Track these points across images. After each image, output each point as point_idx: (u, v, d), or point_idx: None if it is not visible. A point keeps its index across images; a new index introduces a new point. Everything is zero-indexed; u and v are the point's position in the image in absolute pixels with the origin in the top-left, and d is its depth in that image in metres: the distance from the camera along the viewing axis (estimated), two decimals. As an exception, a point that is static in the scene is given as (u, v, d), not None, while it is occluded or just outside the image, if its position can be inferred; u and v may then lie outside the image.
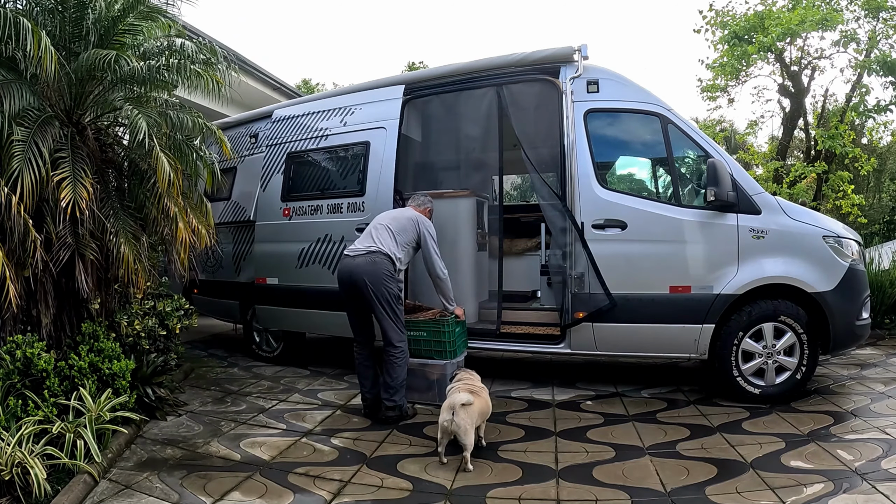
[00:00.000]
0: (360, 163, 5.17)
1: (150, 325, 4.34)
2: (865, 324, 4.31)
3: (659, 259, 4.25)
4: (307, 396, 4.63)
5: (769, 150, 13.65)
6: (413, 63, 19.54)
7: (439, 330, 4.27)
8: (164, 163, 3.70)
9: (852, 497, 2.59)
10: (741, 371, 4.13)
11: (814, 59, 12.46)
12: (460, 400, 3.14)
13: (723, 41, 12.71)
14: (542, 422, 3.91)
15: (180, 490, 2.86)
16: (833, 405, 4.01)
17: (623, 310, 4.26)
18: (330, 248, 5.18)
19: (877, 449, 3.15)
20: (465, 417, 3.10)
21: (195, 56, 4.17)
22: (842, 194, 12.23)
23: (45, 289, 3.65)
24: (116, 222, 3.81)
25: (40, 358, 3.30)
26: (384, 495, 2.84)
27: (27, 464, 2.65)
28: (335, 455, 3.37)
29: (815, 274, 4.07)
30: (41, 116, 3.55)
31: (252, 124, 6.34)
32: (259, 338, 6.10)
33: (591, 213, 4.34)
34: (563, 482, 2.93)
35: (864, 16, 11.65)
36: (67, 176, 3.44)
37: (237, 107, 7.81)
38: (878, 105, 11.91)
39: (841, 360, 5.36)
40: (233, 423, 3.93)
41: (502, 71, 4.85)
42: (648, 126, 4.50)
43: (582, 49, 4.50)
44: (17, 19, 3.23)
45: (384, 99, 5.18)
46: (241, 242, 6.05)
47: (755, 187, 4.26)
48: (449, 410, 3.13)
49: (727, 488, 2.76)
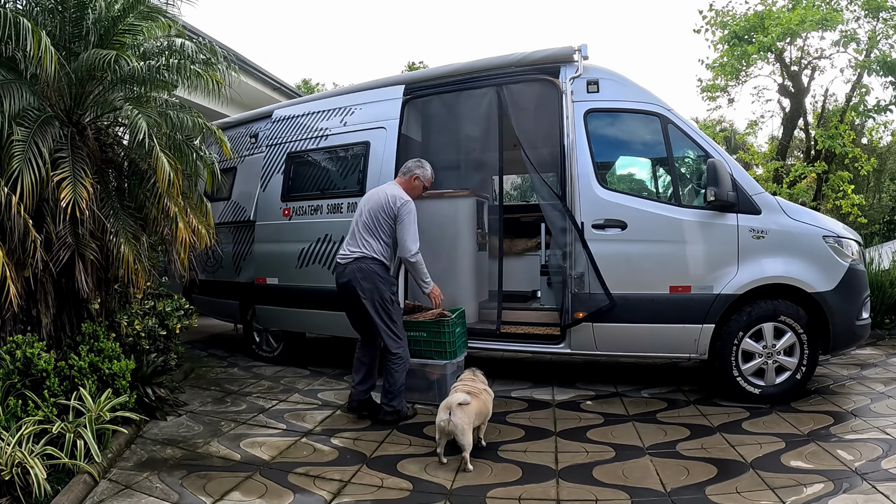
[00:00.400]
0: (360, 163, 5.18)
1: (150, 325, 4.34)
2: (865, 324, 4.31)
3: (659, 259, 4.25)
4: (307, 396, 4.63)
5: (769, 150, 13.66)
6: (413, 63, 19.54)
7: (439, 330, 4.27)
8: (164, 163, 3.70)
9: (852, 497, 2.59)
10: (741, 371, 4.13)
11: (814, 59, 12.48)
12: (457, 400, 3.15)
13: (723, 41, 12.71)
14: (542, 422, 3.91)
15: (180, 490, 2.86)
16: (833, 405, 4.01)
17: (623, 310, 4.26)
18: (330, 248, 5.18)
19: (877, 449, 3.15)
20: (463, 417, 3.10)
21: (195, 56, 4.17)
22: (842, 194, 12.23)
23: (45, 289, 3.65)
24: (116, 222, 3.81)
25: (40, 358, 3.30)
26: (384, 495, 2.84)
27: (27, 464, 2.65)
28: (335, 455, 3.37)
29: (815, 274, 4.07)
30: (41, 116, 3.55)
31: (252, 124, 6.34)
32: (259, 338, 6.10)
33: (591, 213, 4.34)
34: (563, 482, 2.93)
35: (864, 16, 11.66)
36: (67, 176, 3.44)
37: (237, 107, 7.81)
38: (877, 105, 11.92)
39: (841, 359, 5.36)
40: (233, 423, 3.93)
41: (502, 71, 4.85)
42: (648, 126, 4.51)
43: (582, 49, 4.50)
44: (17, 19, 3.23)
45: (384, 99, 5.18)
46: (241, 242, 6.05)
47: (755, 187, 4.26)
48: (446, 410, 3.14)
49: (727, 488, 2.75)
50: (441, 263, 5.10)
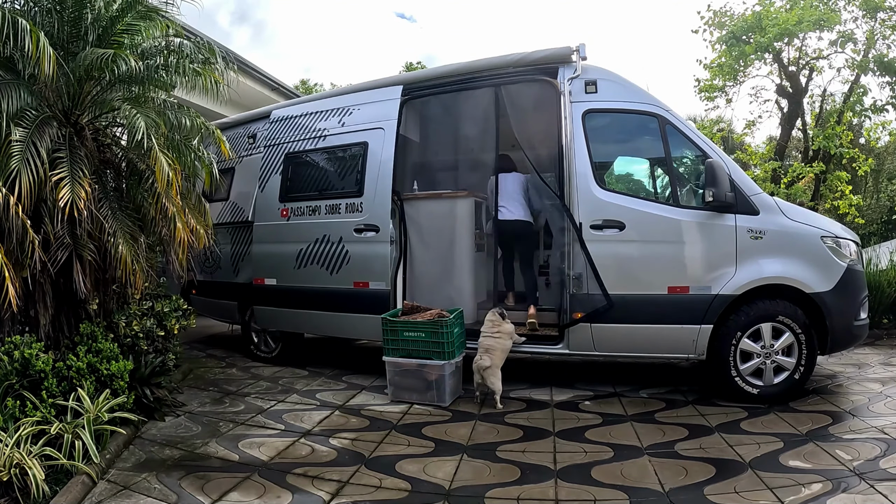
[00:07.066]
0: (358, 163, 5.17)
1: (148, 325, 4.33)
2: (863, 324, 4.31)
3: (657, 259, 4.25)
4: (305, 397, 4.63)
5: (767, 151, 13.67)
6: (411, 63, 19.55)
7: (437, 331, 4.27)
8: (163, 163, 3.70)
9: (851, 497, 2.60)
10: (739, 371, 4.13)
11: (811, 59, 12.49)
12: (483, 365, 4.20)
13: (721, 41, 12.73)
14: (541, 422, 3.91)
15: (179, 490, 2.86)
16: (831, 405, 4.01)
17: (621, 310, 4.26)
18: (328, 248, 5.18)
19: (875, 448, 3.15)
20: (490, 377, 4.18)
21: (194, 55, 4.17)
22: (839, 194, 12.25)
23: (44, 289, 3.65)
24: (114, 222, 3.80)
25: (38, 358, 3.29)
26: (383, 495, 2.83)
27: (25, 464, 2.64)
28: (333, 455, 3.36)
29: (813, 274, 4.07)
30: (39, 116, 3.54)
31: (250, 125, 6.34)
32: (257, 338, 6.09)
33: (590, 213, 4.34)
34: (561, 482, 2.93)
35: (861, 16, 11.68)
36: (65, 176, 3.43)
37: (235, 107, 7.80)
38: (874, 105, 11.94)
39: (839, 359, 5.37)
40: (231, 424, 3.92)
41: (501, 71, 4.86)
42: (646, 126, 4.51)
43: (580, 49, 4.50)
44: (15, 19, 3.22)
45: (382, 99, 5.18)
46: (240, 243, 6.04)
47: (753, 188, 4.26)
48: (478, 373, 4.24)
49: (726, 488, 2.76)
50: (439, 264, 5.11)
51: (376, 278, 4.97)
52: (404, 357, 4.40)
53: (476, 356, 4.29)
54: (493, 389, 4.18)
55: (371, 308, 4.87)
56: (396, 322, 4.44)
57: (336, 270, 5.13)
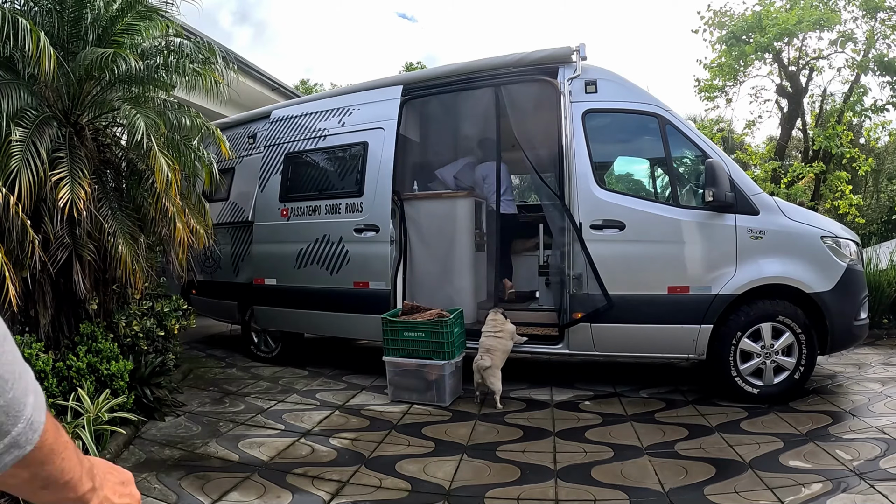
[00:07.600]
0: (358, 163, 5.17)
1: (148, 325, 4.33)
2: (863, 324, 4.31)
3: (657, 259, 4.25)
4: (305, 397, 4.63)
5: (767, 151, 13.67)
6: (411, 63, 19.55)
7: (438, 331, 4.27)
8: (163, 163, 3.70)
9: (851, 497, 2.60)
10: (739, 371, 4.13)
11: (811, 59, 12.49)
12: (483, 365, 4.19)
13: (721, 41, 12.74)
14: (541, 422, 3.91)
15: (179, 490, 2.86)
16: (831, 405, 4.01)
17: (621, 310, 4.26)
18: (328, 248, 5.18)
19: (875, 448, 3.15)
20: (490, 376, 4.17)
21: (194, 55, 4.16)
22: (839, 194, 12.25)
23: (44, 289, 3.64)
24: (114, 222, 3.80)
25: (38, 358, 3.29)
26: (383, 495, 2.83)
27: (25, 464, 2.64)
28: (333, 455, 3.37)
29: (813, 274, 4.07)
30: (39, 116, 3.54)
31: (250, 125, 6.33)
32: (257, 338, 6.09)
33: (590, 213, 4.34)
34: (561, 482, 2.93)
35: (861, 16, 11.68)
36: (65, 176, 3.43)
37: (235, 107, 7.80)
38: (874, 105, 11.94)
39: (839, 359, 5.37)
40: (231, 424, 3.92)
41: (501, 71, 4.85)
42: (646, 126, 4.51)
43: (580, 49, 4.50)
44: (15, 19, 3.22)
45: (382, 99, 5.18)
46: (240, 243, 6.04)
47: (753, 188, 4.26)
48: (478, 373, 4.23)
49: (726, 488, 2.76)
50: (439, 264, 5.11)
51: (376, 278, 4.97)
52: (404, 357, 4.40)
53: (476, 356, 4.29)
54: (493, 389, 4.19)
55: (371, 308, 4.88)
56: (396, 322, 4.45)
57: (336, 270, 5.13)
